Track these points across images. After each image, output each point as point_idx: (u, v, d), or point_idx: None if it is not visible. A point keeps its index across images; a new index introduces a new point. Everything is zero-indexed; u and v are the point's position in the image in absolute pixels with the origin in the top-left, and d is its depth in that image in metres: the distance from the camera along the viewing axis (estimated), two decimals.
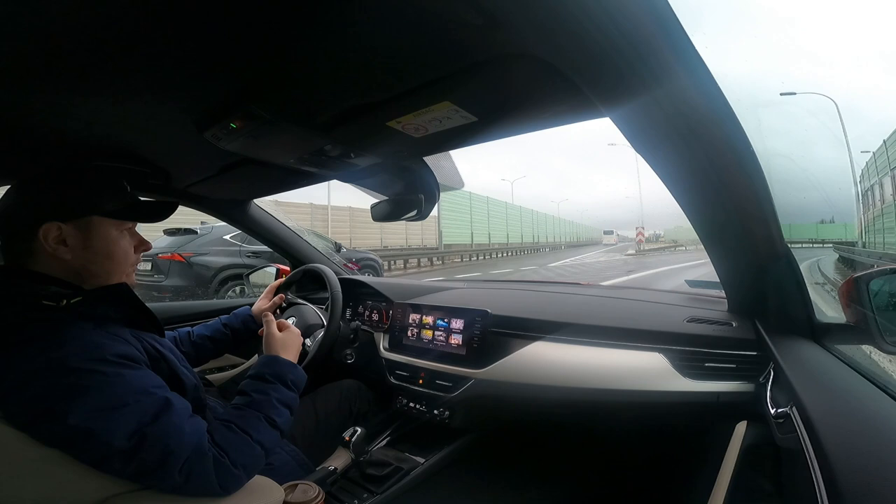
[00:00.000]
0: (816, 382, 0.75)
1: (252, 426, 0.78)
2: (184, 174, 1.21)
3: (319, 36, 0.55)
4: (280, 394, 0.87)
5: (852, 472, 0.49)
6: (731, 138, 0.68)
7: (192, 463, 0.68)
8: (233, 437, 0.75)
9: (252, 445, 0.76)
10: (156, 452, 0.65)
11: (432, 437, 1.38)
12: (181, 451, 0.67)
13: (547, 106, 0.72)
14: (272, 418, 0.82)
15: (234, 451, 0.73)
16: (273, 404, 0.84)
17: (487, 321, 1.34)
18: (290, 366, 0.95)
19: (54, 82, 0.64)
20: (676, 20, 0.49)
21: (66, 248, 0.75)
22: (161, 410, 0.68)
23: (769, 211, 0.83)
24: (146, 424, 0.66)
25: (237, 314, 1.38)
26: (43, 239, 0.73)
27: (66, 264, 0.76)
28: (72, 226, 0.76)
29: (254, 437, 0.77)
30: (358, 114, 0.76)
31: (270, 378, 0.89)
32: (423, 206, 1.09)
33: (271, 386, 0.87)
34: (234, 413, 0.80)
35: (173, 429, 0.68)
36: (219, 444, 0.72)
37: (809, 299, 0.96)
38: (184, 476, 0.67)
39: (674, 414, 1.12)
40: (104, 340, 0.70)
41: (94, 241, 0.78)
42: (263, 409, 0.82)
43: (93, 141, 0.89)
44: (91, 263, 0.78)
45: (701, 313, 1.19)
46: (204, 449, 0.70)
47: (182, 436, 0.68)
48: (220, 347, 1.32)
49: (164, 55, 0.58)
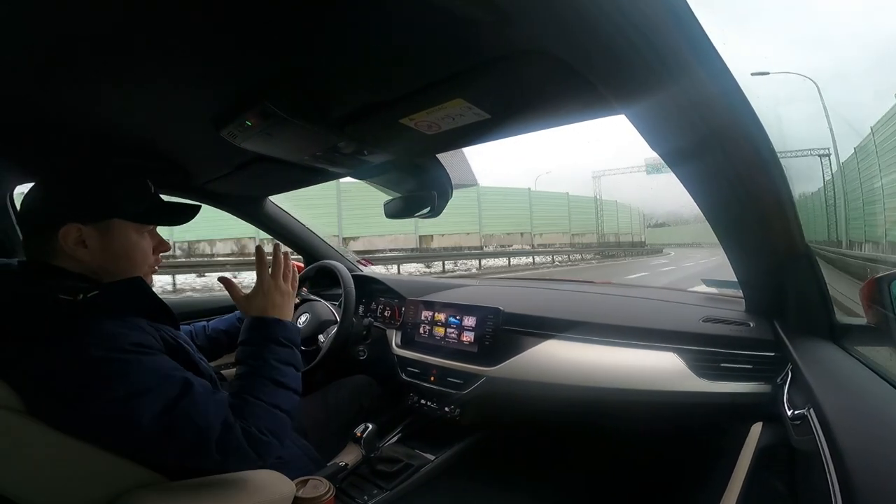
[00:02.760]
0: (835, 384, 0.73)
1: (262, 392, 0.78)
2: (201, 171, 1.23)
3: (333, 34, 0.56)
4: (275, 354, 0.85)
5: (868, 476, 0.48)
6: (749, 134, 0.67)
7: (223, 438, 0.69)
8: (249, 406, 0.76)
9: (270, 410, 0.77)
10: (189, 432, 0.67)
11: (443, 435, 1.39)
12: (212, 427, 0.69)
13: (560, 103, 0.71)
14: (278, 380, 0.81)
15: (257, 419, 0.74)
16: (273, 365, 0.83)
17: (500, 319, 1.34)
18: (276, 322, 0.90)
19: (75, 80, 0.65)
20: (691, 13, 0.48)
21: (85, 250, 0.76)
22: (184, 391, 0.70)
23: (789, 209, 0.81)
24: (172, 407, 0.67)
25: (226, 320, 1.34)
26: (63, 240, 0.74)
27: (84, 265, 0.77)
28: (92, 228, 0.76)
29: (268, 402, 0.77)
30: (371, 111, 0.76)
31: (260, 340, 0.87)
32: (435, 203, 1.09)
33: (265, 348, 0.85)
34: (241, 384, 0.80)
35: (200, 407, 0.69)
36: (240, 415, 0.73)
37: (830, 300, 0.94)
38: (222, 452, 0.69)
39: (687, 414, 1.11)
40: (121, 330, 0.71)
41: (113, 244, 0.79)
42: (266, 373, 0.81)
43: (114, 138, 0.91)
44: (109, 264, 0.79)
45: (717, 313, 1.17)
46: (230, 421, 0.71)
47: (208, 413, 0.70)
48: (235, 342, 1.30)
49: (181, 53, 0.59)
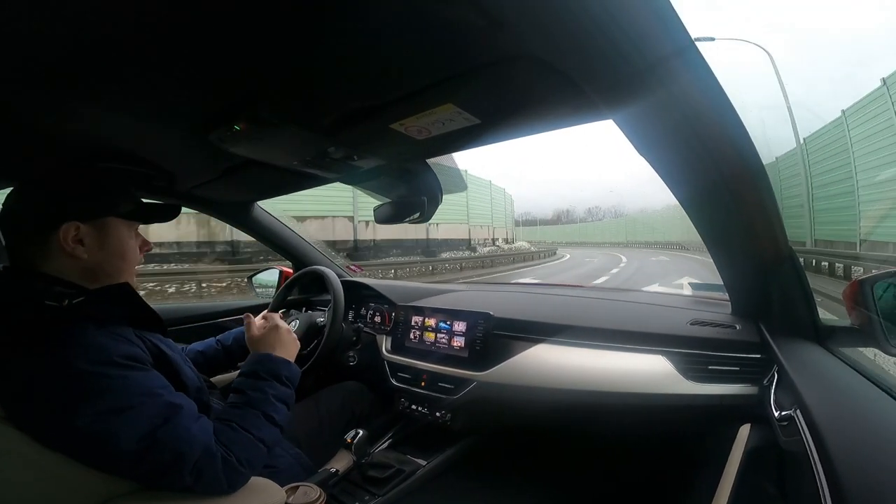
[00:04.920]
0: (821, 385, 0.74)
1: (252, 424, 0.79)
2: (188, 176, 1.21)
3: (323, 39, 0.56)
4: (276, 390, 0.87)
5: (856, 476, 0.48)
6: (735, 140, 0.68)
7: (202, 463, 0.69)
8: (235, 435, 0.76)
9: (254, 443, 0.77)
10: (167, 454, 0.66)
11: (434, 440, 1.38)
12: (192, 452, 0.68)
13: (550, 108, 0.72)
14: (270, 415, 0.83)
15: (239, 449, 0.74)
16: (270, 401, 0.85)
17: (490, 324, 1.34)
18: (284, 362, 0.95)
19: (57, 85, 0.64)
20: (679, 20, 0.49)
21: (83, 248, 0.76)
22: (169, 412, 0.69)
23: (774, 213, 0.83)
24: (157, 427, 0.66)
25: (232, 334, 1.35)
26: (62, 239, 0.74)
27: (81, 264, 0.77)
28: (90, 226, 0.77)
29: (255, 434, 0.78)
30: (361, 116, 0.76)
31: (265, 375, 0.89)
32: (426, 209, 1.09)
33: (266, 383, 0.88)
34: (233, 412, 0.81)
35: (182, 430, 0.69)
36: (223, 442, 0.73)
37: (814, 301, 0.95)
38: (194, 476, 0.68)
39: (677, 417, 1.12)
40: (108, 341, 0.70)
41: (109, 242, 0.80)
42: (261, 407, 0.83)
43: (97, 143, 0.90)
44: (105, 263, 0.80)
45: (704, 316, 1.18)
46: (213, 449, 0.71)
47: (191, 437, 0.69)
48: (212, 364, 1.30)
49: (168, 57, 0.58)
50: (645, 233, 43.67)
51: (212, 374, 1.27)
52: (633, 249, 34.36)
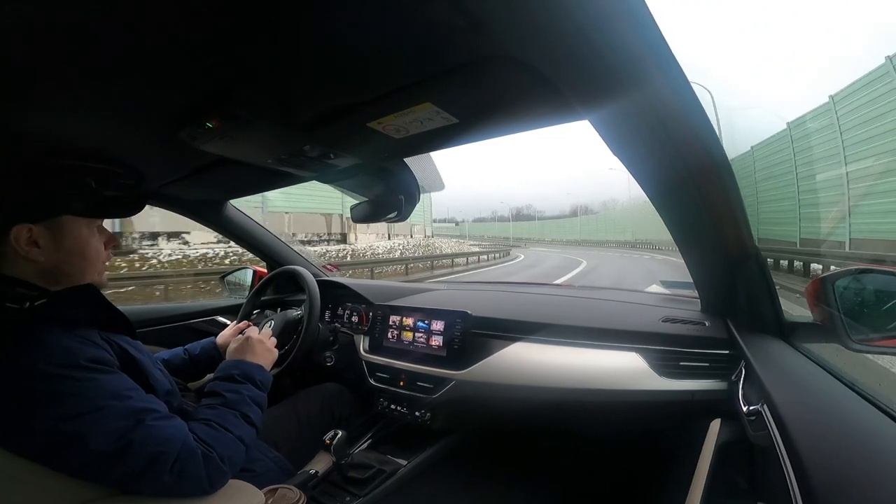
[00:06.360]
0: (786, 380, 0.77)
1: (230, 423, 0.80)
2: (157, 174, 1.17)
3: (300, 35, 0.54)
4: (251, 392, 0.89)
5: (823, 467, 0.50)
6: (705, 142, 0.70)
7: (182, 461, 0.68)
8: (215, 433, 0.76)
9: (235, 441, 0.78)
10: (143, 456, 0.65)
11: (414, 439, 1.38)
12: (169, 450, 0.67)
13: (528, 108, 0.72)
14: (247, 415, 0.84)
15: (220, 446, 0.75)
16: (246, 402, 0.86)
17: (468, 322, 1.35)
18: (257, 367, 0.98)
19: (12, 79, 0.60)
20: (655, 25, 0.50)
21: (38, 250, 0.74)
22: (141, 414, 0.68)
23: (740, 212, 0.86)
24: (129, 429, 0.65)
25: (200, 344, 1.33)
26: (14, 242, 0.72)
27: (39, 266, 0.74)
28: (42, 227, 0.74)
29: (234, 433, 0.79)
30: (338, 114, 0.75)
31: (240, 378, 0.91)
32: (403, 208, 1.09)
33: (242, 385, 0.89)
34: (211, 412, 0.81)
35: (156, 430, 0.68)
36: (204, 440, 0.73)
37: (778, 299, 0.99)
38: (175, 475, 0.67)
39: (651, 413, 1.14)
40: (74, 344, 0.68)
41: (66, 241, 0.77)
42: (238, 407, 0.84)
43: (59, 141, 0.85)
44: (65, 264, 0.77)
45: (675, 313, 1.21)
46: (192, 446, 0.70)
47: (167, 436, 0.68)
48: (178, 374, 1.24)
49: (133, 50, 0.55)
50: (609, 231, 44.28)
51: None
52: (595, 249, 34.07)
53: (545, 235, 63.99)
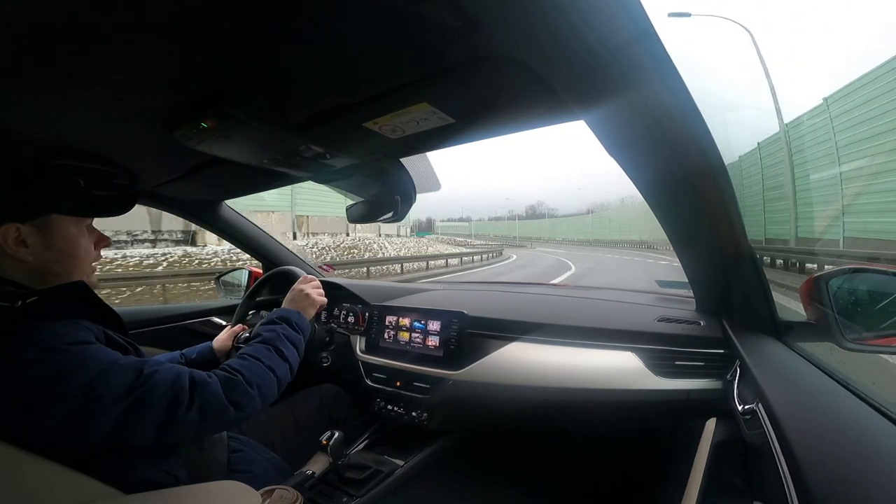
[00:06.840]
0: (780, 379, 0.77)
1: (261, 354, 0.86)
2: (151, 174, 1.17)
3: (297, 35, 0.54)
4: (286, 331, 0.96)
5: (817, 465, 0.50)
6: (700, 141, 0.70)
7: (197, 394, 0.72)
8: (244, 362, 0.82)
9: (264, 369, 0.83)
10: (159, 399, 0.69)
11: (411, 439, 1.38)
12: (182, 387, 0.71)
13: (524, 108, 0.73)
14: (280, 349, 0.90)
15: (248, 372, 0.79)
16: (280, 338, 0.93)
17: (464, 322, 1.35)
18: (295, 312, 1.05)
19: (3, 79, 0.60)
20: (650, 24, 0.50)
21: (27, 250, 0.74)
22: (140, 366, 0.71)
23: (734, 212, 0.86)
24: (135, 380, 0.68)
25: (197, 349, 1.31)
26: (3, 241, 0.72)
27: (28, 266, 0.75)
28: (31, 226, 0.75)
29: (265, 362, 0.84)
30: (334, 114, 0.75)
31: (277, 320, 1.00)
32: (399, 208, 1.09)
33: (278, 325, 0.98)
34: (247, 348, 0.89)
35: (160, 375, 0.71)
36: (232, 366, 0.79)
37: (772, 298, 0.99)
38: (197, 409, 0.71)
39: (647, 412, 1.15)
40: (65, 329, 0.69)
41: (54, 241, 0.77)
42: (272, 342, 0.91)
43: (53, 140, 0.85)
44: (53, 263, 0.77)
45: (671, 313, 1.22)
46: (202, 376, 0.74)
47: (175, 374, 0.72)
48: None
49: (127, 50, 0.55)
50: (624, 230, 43.76)
51: None
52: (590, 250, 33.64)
53: (556, 235, 63.38)
